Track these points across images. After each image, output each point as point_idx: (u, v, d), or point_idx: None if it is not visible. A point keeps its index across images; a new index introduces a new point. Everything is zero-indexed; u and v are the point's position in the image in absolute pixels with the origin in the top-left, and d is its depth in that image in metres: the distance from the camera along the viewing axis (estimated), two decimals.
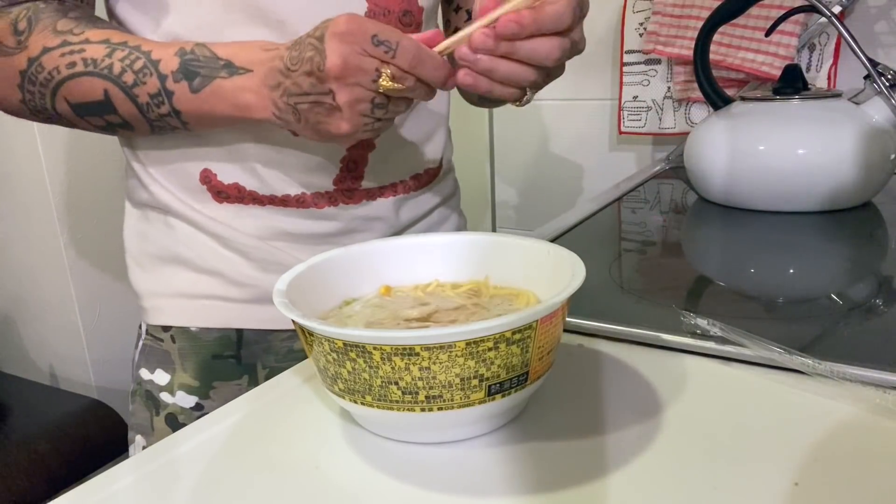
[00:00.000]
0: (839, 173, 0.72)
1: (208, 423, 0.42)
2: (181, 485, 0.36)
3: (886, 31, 0.96)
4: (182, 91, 0.51)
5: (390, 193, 0.63)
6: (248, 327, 0.62)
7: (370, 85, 0.46)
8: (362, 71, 0.45)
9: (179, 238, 0.61)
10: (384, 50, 0.45)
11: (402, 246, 0.48)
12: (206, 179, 0.59)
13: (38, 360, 1.50)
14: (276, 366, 0.63)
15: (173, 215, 0.61)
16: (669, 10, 1.05)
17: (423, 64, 0.46)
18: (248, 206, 0.59)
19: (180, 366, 0.62)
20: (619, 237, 0.75)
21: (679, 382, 0.42)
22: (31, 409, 1.34)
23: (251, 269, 0.61)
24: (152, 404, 0.63)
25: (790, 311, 0.53)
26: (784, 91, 0.77)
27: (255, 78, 0.49)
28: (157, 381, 0.63)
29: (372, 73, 0.46)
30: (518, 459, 0.36)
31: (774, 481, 0.32)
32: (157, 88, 0.51)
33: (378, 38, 0.45)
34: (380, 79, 0.46)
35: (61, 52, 0.51)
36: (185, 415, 0.62)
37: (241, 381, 0.63)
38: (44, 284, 1.40)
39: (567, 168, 1.28)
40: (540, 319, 0.34)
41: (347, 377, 0.35)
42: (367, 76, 0.46)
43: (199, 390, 0.62)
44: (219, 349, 0.62)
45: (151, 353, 0.63)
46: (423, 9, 0.61)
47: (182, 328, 0.62)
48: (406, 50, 0.45)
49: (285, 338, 0.63)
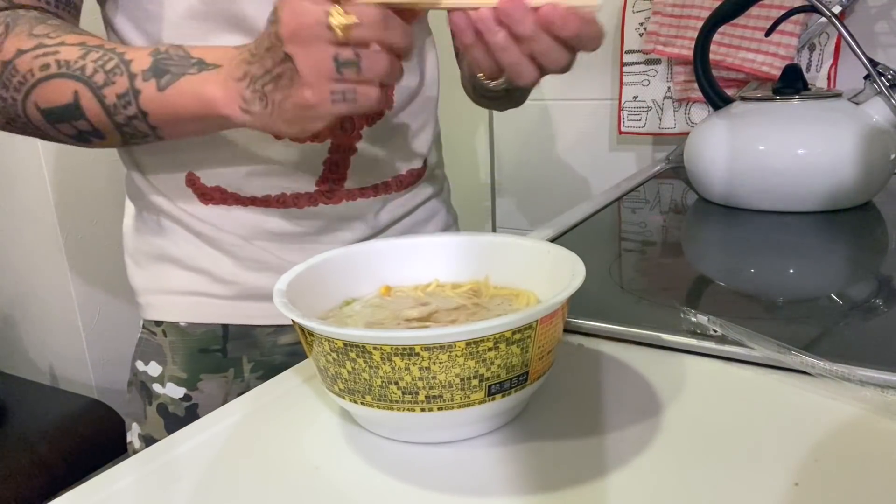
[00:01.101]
0: (839, 173, 0.72)
1: (208, 423, 0.42)
2: (181, 485, 0.36)
3: (886, 31, 0.96)
4: (149, 90, 0.49)
5: (371, 194, 0.64)
6: (233, 323, 0.64)
7: (325, 34, 0.41)
8: (312, 18, 0.41)
9: (169, 237, 0.63)
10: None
11: (402, 246, 0.48)
12: (191, 182, 0.61)
13: (38, 360, 1.50)
14: (261, 359, 0.65)
15: (164, 216, 0.63)
16: (669, 10, 1.05)
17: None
18: (231, 207, 0.61)
19: (171, 359, 0.64)
20: (619, 237, 0.75)
21: (679, 382, 0.42)
22: (31, 409, 1.34)
23: (235, 267, 0.62)
24: (146, 394, 0.65)
25: (790, 311, 0.53)
26: (784, 91, 0.77)
27: (222, 72, 0.47)
28: (150, 372, 0.65)
29: (322, 15, 0.41)
30: (518, 459, 0.36)
31: (774, 481, 0.32)
32: (126, 88, 0.49)
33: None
34: (329, 18, 0.41)
35: (35, 54, 0.50)
36: (175, 405, 0.64)
37: (227, 374, 0.64)
38: (44, 284, 1.40)
39: (567, 168, 1.28)
40: (540, 319, 0.34)
41: (347, 377, 0.35)
42: (318, 23, 0.41)
43: (186, 382, 0.64)
44: (205, 343, 0.64)
45: (147, 345, 0.66)
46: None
47: (172, 323, 0.64)
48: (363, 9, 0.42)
49: (269, 332, 0.65)
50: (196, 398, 0.64)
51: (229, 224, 0.61)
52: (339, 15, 0.41)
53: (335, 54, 0.42)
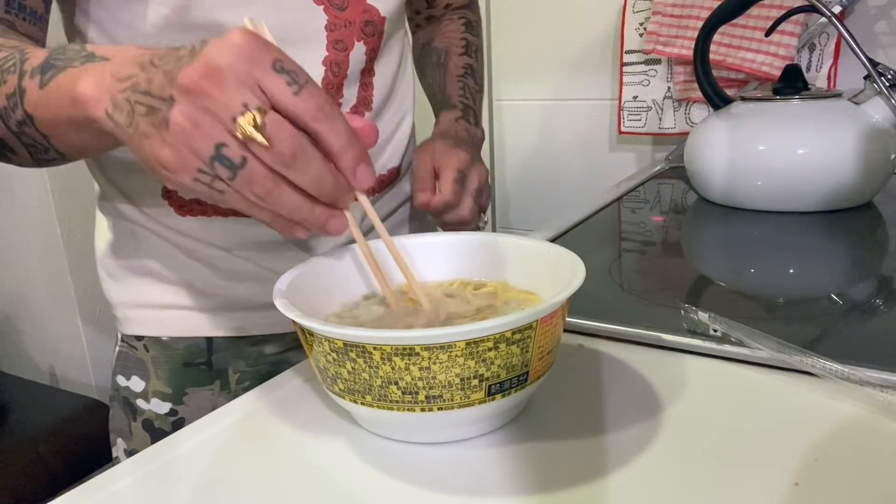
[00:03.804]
0: (839, 173, 0.72)
1: (208, 423, 0.42)
2: (181, 485, 0.36)
3: (886, 31, 0.96)
4: (32, 88, 0.42)
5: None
6: (217, 335, 0.62)
7: (226, 117, 0.33)
8: (225, 93, 0.33)
9: (147, 250, 0.61)
10: (286, 80, 0.33)
11: (403, 246, 0.48)
12: (168, 195, 0.59)
13: (38, 360, 1.51)
14: (247, 370, 0.64)
15: (140, 228, 0.61)
16: (669, 10, 1.05)
17: (331, 120, 0.34)
18: (211, 217, 0.59)
19: (154, 374, 0.63)
20: (619, 237, 0.75)
21: (679, 382, 0.42)
22: (31, 409, 1.34)
23: (218, 278, 0.61)
24: (129, 410, 0.64)
25: (790, 310, 0.53)
26: (784, 91, 0.77)
27: (106, 66, 0.38)
28: (132, 387, 0.63)
29: (236, 104, 0.32)
30: (518, 459, 0.36)
31: (774, 481, 0.32)
32: (14, 87, 0.43)
33: (283, 65, 0.34)
34: (242, 117, 0.32)
35: None
36: (161, 420, 0.63)
37: (213, 387, 0.63)
38: (44, 284, 1.40)
39: (567, 168, 1.28)
40: (540, 319, 0.34)
41: (347, 377, 0.35)
42: (229, 104, 0.33)
43: (172, 397, 0.62)
44: (190, 357, 0.62)
45: (127, 359, 0.64)
46: (385, 19, 0.60)
47: (154, 338, 0.63)
48: (315, 94, 0.34)
49: (254, 343, 0.64)
50: (182, 412, 0.62)
51: (209, 235, 0.59)
52: (249, 125, 0.33)
53: (220, 142, 0.33)
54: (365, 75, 0.61)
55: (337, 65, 0.57)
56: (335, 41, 0.57)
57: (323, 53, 0.57)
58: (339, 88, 0.58)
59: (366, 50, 0.59)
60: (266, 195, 0.35)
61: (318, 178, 0.35)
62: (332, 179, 0.35)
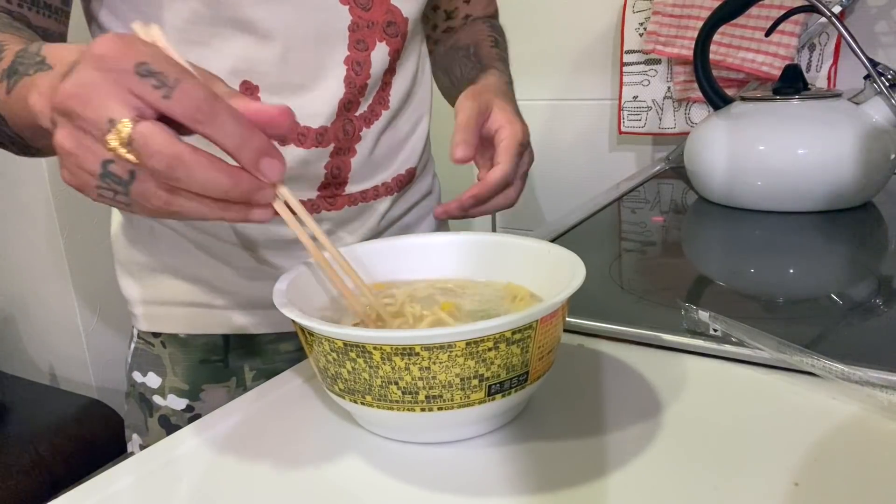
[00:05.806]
0: (839, 173, 0.72)
1: (208, 424, 0.42)
2: (181, 485, 0.36)
3: (886, 31, 0.96)
4: (1, 92, 0.41)
5: (371, 196, 0.63)
6: (234, 332, 0.63)
7: (99, 136, 0.31)
8: (93, 110, 0.30)
9: (164, 247, 0.61)
10: (153, 84, 0.30)
11: (403, 246, 0.48)
12: None
13: (38, 360, 1.50)
14: (263, 367, 0.64)
15: (158, 225, 0.61)
16: (669, 10, 1.05)
17: (213, 119, 0.31)
18: None
19: (171, 370, 0.63)
20: (619, 237, 0.75)
21: (679, 382, 0.42)
22: (31, 409, 1.34)
23: (235, 276, 0.61)
24: (146, 406, 0.65)
25: (790, 310, 0.53)
26: (784, 91, 0.77)
27: (52, 76, 0.36)
28: (149, 384, 0.64)
29: (102, 121, 0.30)
30: (518, 459, 0.36)
31: (774, 481, 0.32)
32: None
33: (148, 68, 0.30)
34: (109, 134, 0.30)
35: None
36: (177, 416, 0.63)
37: (229, 384, 0.64)
38: (44, 284, 1.40)
39: (567, 168, 1.28)
40: (540, 319, 0.34)
41: (347, 377, 0.35)
42: (97, 122, 0.30)
43: (188, 393, 0.63)
44: (207, 354, 0.63)
45: (143, 356, 0.65)
46: (408, 19, 0.60)
47: (171, 334, 0.63)
48: (189, 94, 0.31)
49: (270, 340, 0.64)
50: (199, 408, 0.63)
51: (227, 232, 0.60)
52: (116, 141, 0.30)
53: (106, 159, 0.31)
54: (386, 75, 0.61)
55: (358, 64, 0.58)
56: (357, 41, 0.57)
57: (345, 53, 0.57)
58: (363, 87, 0.59)
59: (389, 51, 0.59)
60: (165, 206, 0.33)
61: (207, 185, 0.32)
62: (226, 181, 0.32)
